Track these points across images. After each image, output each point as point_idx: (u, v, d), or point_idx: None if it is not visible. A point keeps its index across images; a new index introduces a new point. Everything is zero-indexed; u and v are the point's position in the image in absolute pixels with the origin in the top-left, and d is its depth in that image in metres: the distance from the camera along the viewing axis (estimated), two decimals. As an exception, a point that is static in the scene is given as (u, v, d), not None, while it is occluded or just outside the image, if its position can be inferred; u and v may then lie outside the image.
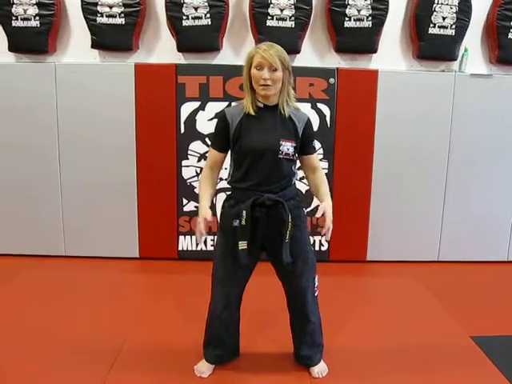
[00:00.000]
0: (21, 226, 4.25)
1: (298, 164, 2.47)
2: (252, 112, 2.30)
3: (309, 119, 2.40)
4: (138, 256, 4.29)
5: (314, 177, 2.48)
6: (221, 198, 4.09)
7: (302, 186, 3.55)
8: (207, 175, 2.46)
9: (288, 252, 2.33)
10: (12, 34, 3.94)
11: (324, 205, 2.35)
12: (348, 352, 2.84)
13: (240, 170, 2.35)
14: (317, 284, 2.53)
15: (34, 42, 3.96)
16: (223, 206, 2.47)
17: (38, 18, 3.88)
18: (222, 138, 2.36)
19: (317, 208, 2.42)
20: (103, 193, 4.19)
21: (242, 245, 2.31)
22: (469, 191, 4.32)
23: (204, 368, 2.58)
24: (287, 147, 2.30)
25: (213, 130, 2.46)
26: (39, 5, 3.86)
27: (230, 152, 2.42)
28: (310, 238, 2.68)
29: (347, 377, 2.60)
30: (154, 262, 4.25)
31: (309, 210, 4.06)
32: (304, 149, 2.40)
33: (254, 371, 2.62)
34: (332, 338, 2.83)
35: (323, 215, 2.33)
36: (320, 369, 2.60)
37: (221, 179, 3.85)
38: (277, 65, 2.21)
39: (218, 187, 4.06)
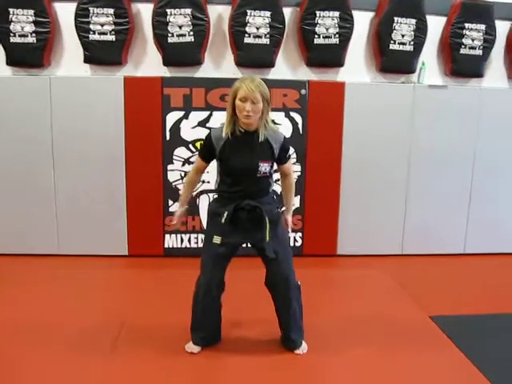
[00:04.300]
0: (17, 227, 4.46)
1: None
2: (231, 135, 2.62)
3: (285, 138, 2.74)
4: (126, 253, 4.52)
5: (284, 182, 2.92)
6: (203, 199, 4.43)
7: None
8: (192, 178, 2.91)
9: (271, 249, 2.70)
10: (10, 49, 4.17)
11: (288, 217, 2.92)
12: (323, 332, 3.17)
13: (225, 183, 2.72)
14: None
15: (31, 57, 4.18)
16: (211, 206, 2.84)
17: (34, 34, 4.11)
18: (207, 154, 2.74)
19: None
20: (94, 196, 4.41)
21: (216, 239, 2.70)
22: (428, 190, 4.68)
23: (193, 348, 2.89)
24: (265, 167, 2.67)
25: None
26: (36, 23, 4.10)
27: (216, 162, 2.76)
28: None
29: (325, 353, 2.93)
30: (141, 259, 4.48)
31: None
32: (280, 160, 2.78)
33: (238, 352, 2.90)
34: (308, 320, 3.05)
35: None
36: (302, 347, 2.93)
37: (203, 182, 4.23)
38: (258, 99, 2.54)
39: (201, 189, 4.41)
